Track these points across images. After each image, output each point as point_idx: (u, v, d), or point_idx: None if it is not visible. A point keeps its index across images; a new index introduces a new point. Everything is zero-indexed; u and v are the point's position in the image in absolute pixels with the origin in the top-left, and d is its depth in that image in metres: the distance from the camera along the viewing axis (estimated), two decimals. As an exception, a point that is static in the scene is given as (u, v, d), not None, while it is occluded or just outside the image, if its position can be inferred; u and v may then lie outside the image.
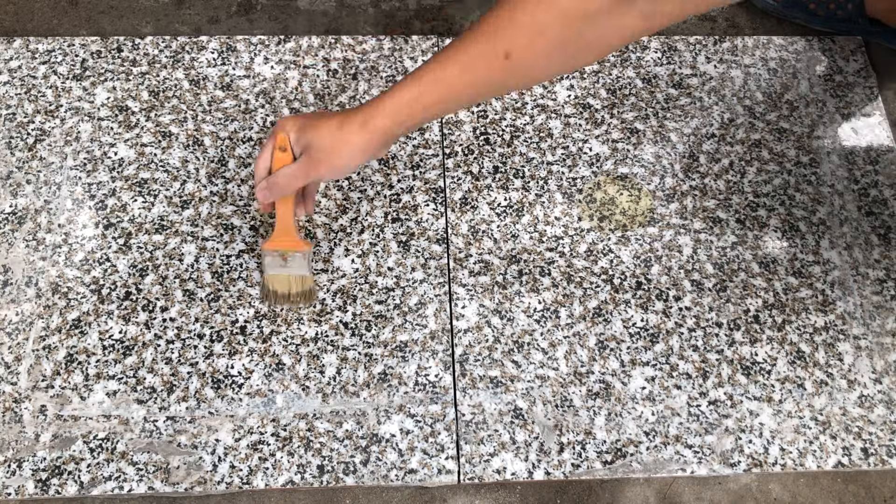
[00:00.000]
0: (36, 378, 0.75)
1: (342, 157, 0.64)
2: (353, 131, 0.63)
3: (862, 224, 0.86)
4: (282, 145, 0.66)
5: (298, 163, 0.66)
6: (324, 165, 0.65)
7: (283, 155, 0.66)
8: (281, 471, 0.71)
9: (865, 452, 0.74)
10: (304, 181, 0.66)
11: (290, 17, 1.01)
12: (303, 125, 0.65)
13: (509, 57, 0.57)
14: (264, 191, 0.68)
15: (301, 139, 0.65)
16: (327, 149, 0.64)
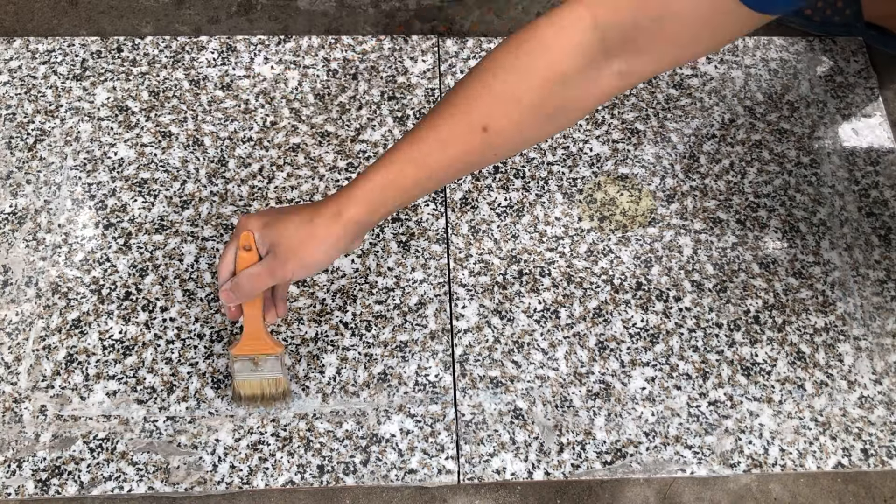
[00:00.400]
0: (36, 378, 0.75)
1: (312, 255, 0.59)
2: (323, 224, 0.58)
3: (862, 225, 0.86)
4: (245, 244, 0.60)
5: (264, 262, 0.60)
6: (292, 264, 0.59)
7: (247, 255, 0.61)
8: (281, 471, 0.71)
9: (865, 453, 0.74)
10: (270, 282, 0.61)
11: (290, 17, 1.01)
12: (268, 222, 0.60)
13: (487, 130, 0.55)
14: (228, 293, 0.62)
15: (266, 236, 0.60)
16: (295, 246, 0.59)
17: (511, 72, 0.54)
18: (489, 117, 0.55)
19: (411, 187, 0.58)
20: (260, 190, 0.85)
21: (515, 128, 0.56)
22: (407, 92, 0.92)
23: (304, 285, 0.80)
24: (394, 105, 0.91)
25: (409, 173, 0.57)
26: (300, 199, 0.85)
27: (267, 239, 0.60)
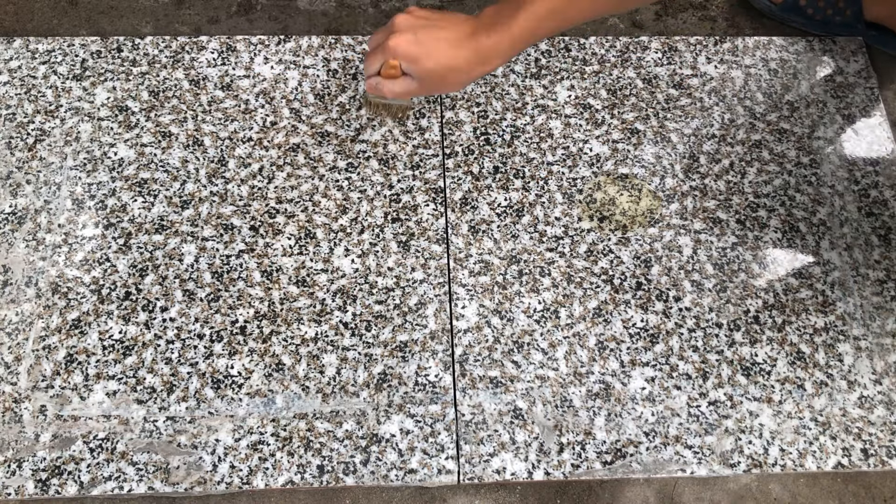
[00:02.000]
0: (36, 378, 0.75)
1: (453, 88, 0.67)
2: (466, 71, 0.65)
3: (862, 225, 0.86)
4: (393, 64, 0.68)
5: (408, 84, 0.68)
6: (433, 92, 0.69)
7: (392, 70, 0.69)
8: (281, 471, 0.71)
9: (865, 453, 0.74)
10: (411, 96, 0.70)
11: (290, 17, 1.01)
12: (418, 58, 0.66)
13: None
14: (373, 87, 0.71)
15: (413, 70, 0.67)
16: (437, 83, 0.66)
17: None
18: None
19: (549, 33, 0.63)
20: (260, 190, 0.85)
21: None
22: (407, 92, 0.92)
23: (304, 285, 0.80)
24: (394, 105, 0.91)
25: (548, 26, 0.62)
26: (300, 199, 0.85)
27: (412, 71, 0.67)
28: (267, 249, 0.82)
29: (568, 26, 0.64)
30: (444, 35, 0.65)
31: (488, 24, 0.64)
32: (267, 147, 0.88)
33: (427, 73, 0.66)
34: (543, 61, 0.96)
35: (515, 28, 0.62)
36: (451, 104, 0.92)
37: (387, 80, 0.70)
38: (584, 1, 0.62)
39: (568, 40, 0.97)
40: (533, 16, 0.62)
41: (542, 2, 0.62)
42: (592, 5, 0.62)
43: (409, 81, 0.69)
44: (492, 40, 0.63)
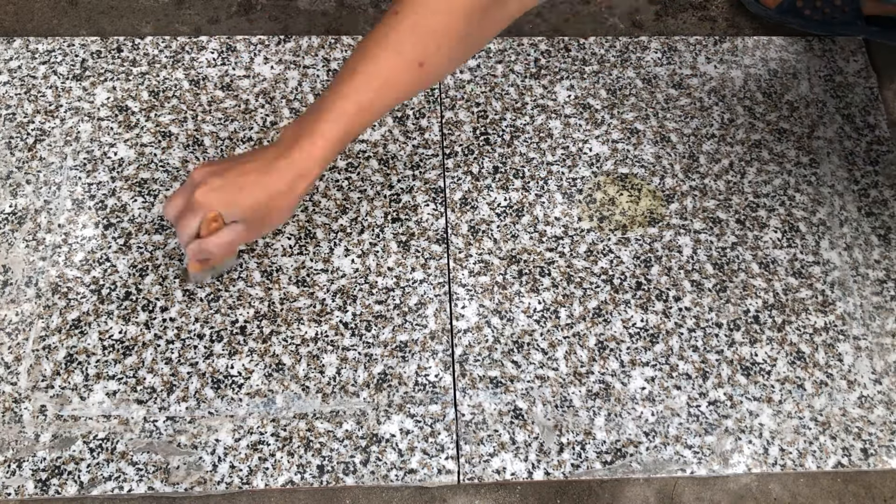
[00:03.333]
0: (36, 378, 0.75)
1: (281, 218, 0.63)
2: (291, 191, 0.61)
3: (862, 225, 0.86)
4: (214, 218, 0.62)
5: (234, 230, 0.63)
6: (262, 230, 0.65)
7: (214, 223, 0.63)
8: (281, 471, 0.71)
9: (865, 453, 0.74)
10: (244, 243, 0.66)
11: (290, 17, 1.01)
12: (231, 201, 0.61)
13: (423, 65, 0.59)
14: (197, 253, 0.65)
15: (233, 213, 0.62)
16: (265, 216, 0.62)
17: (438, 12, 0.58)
18: (424, 53, 0.59)
19: (358, 131, 0.61)
20: (260, 190, 0.85)
21: (446, 59, 0.61)
22: (407, 92, 0.92)
23: (304, 285, 0.80)
24: (394, 105, 0.91)
25: (357, 121, 0.60)
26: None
27: (234, 215, 0.62)
28: (267, 249, 0.82)
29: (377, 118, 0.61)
30: (249, 167, 0.61)
31: (292, 139, 0.60)
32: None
33: (250, 210, 0.61)
34: (543, 61, 0.96)
35: (327, 132, 0.59)
36: (450, 104, 0.92)
37: (209, 238, 0.63)
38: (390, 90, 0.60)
39: (567, 40, 0.98)
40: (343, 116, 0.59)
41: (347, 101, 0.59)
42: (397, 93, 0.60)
43: (233, 228, 0.63)
44: (304, 151, 0.60)
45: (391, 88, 0.60)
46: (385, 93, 0.60)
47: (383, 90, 0.60)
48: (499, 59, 0.95)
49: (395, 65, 0.59)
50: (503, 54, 0.96)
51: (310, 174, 0.61)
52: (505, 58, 0.96)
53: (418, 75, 0.59)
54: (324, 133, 0.59)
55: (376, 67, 0.59)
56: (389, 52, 0.59)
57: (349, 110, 0.59)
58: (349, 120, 0.60)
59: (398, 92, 0.60)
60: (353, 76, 0.59)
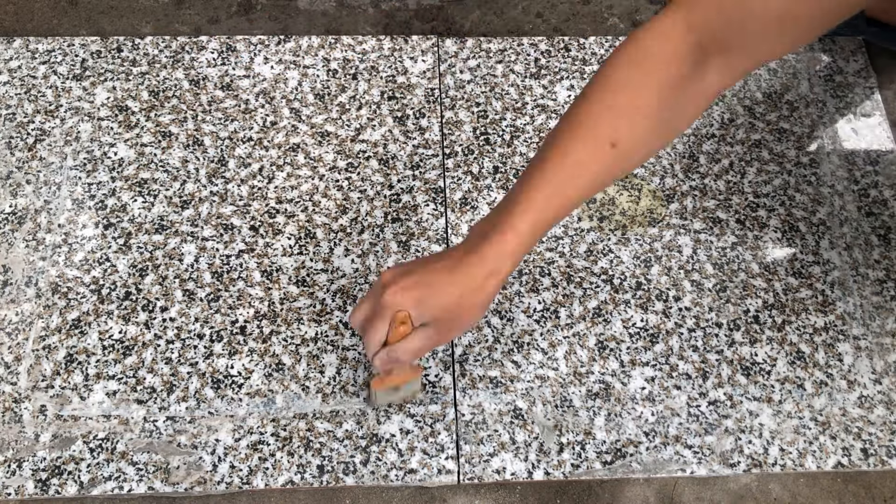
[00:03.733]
0: (36, 378, 0.75)
1: (473, 319, 0.59)
2: (483, 289, 0.57)
3: (862, 224, 0.86)
4: (402, 320, 0.58)
5: (423, 334, 0.59)
6: (454, 332, 0.59)
7: (403, 327, 0.59)
8: (281, 471, 0.71)
9: (865, 453, 0.74)
10: (436, 346, 0.61)
11: (290, 17, 1.01)
12: (420, 298, 0.57)
13: (616, 145, 0.55)
14: (386, 361, 0.61)
15: (423, 315, 0.58)
16: (456, 316, 0.58)
17: (626, 85, 0.55)
18: (616, 132, 0.55)
19: (552, 221, 0.57)
20: (260, 190, 0.85)
21: (641, 139, 0.56)
22: (407, 92, 0.92)
23: (304, 285, 0.80)
24: (394, 105, 0.91)
25: (551, 209, 0.56)
26: (300, 199, 0.85)
27: (424, 316, 0.58)
28: (267, 249, 0.82)
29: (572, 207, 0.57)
30: (439, 266, 0.58)
31: (481, 235, 0.57)
32: (267, 147, 0.88)
33: (441, 309, 0.57)
34: (543, 61, 0.96)
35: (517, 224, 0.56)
36: (451, 104, 0.92)
37: (398, 344, 0.60)
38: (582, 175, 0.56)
39: (568, 40, 0.98)
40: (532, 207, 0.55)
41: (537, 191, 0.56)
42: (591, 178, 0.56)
43: (422, 332, 0.59)
44: (493, 246, 0.56)
45: (583, 173, 0.56)
46: (577, 179, 0.56)
47: (575, 176, 0.56)
48: (499, 59, 0.95)
49: (586, 148, 0.55)
50: (503, 54, 0.96)
51: (501, 270, 0.56)
52: (505, 58, 0.96)
53: (612, 157, 0.55)
54: (514, 226, 0.56)
55: (565, 153, 0.56)
56: (578, 135, 0.55)
57: (539, 201, 0.56)
58: (540, 210, 0.56)
59: (592, 176, 0.56)
60: (542, 165, 0.56)
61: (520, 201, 0.56)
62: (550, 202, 0.56)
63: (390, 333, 0.59)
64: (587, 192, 0.57)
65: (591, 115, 0.56)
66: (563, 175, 0.56)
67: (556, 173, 0.56)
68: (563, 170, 0.56)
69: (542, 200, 0.56)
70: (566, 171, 0.56)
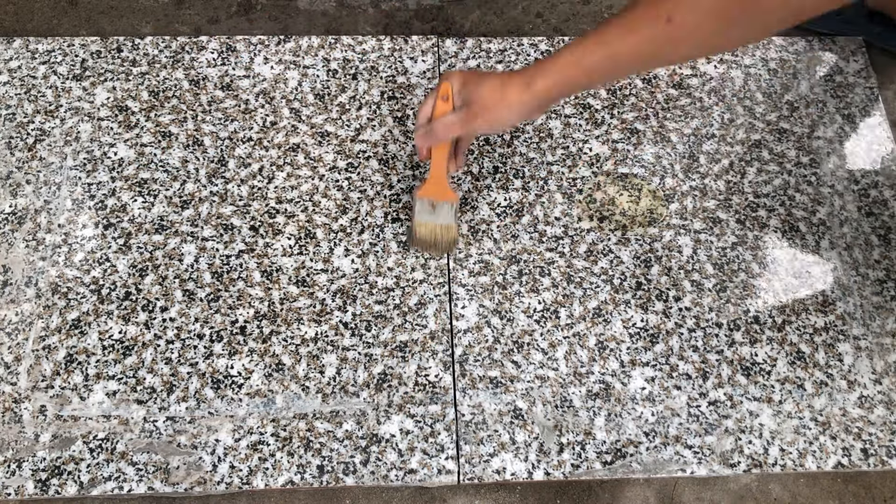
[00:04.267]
0: (36, 378, 0.75)
1: (500, 115, 0.66)
2: (514, 91, 0.64)
3: (862, 224, 0.86)
4: (444, 94, 0.69)
5: (459, 113, 0.68)
6: (481, 119, 0.67)
7: (444, 105, 0.69)
8: (281, 471, 0.71)
9: (865, 453, 0.74)
10: (460, 131, 0.68)
11: (290, 17, 1.01)
12: (466, 80, 0.68)
13: (671, 21, 0.57)
14: (423, 136, 0.71)
15: (463, 91, 0.68)
16: (487, 105, 0.66)
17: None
18: (674, 9, 0.57)
19: (595, 68, 0.61)
20: (260, 190, 0.85)
21: (698, 24, 0.57)
22: (407, 92, 0.92)
23: (304, 285, 0.80)
24: (394, 105, 0.91)
25: (594, 53, 0.60)
26: (300, 199, 0.85)
27: (463, 94, 0.68)
28: (267, 249, 0.82)
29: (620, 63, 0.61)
30: (490, 73, 0.68)
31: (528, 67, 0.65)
32: (267, 147, 0.88)
33: (479, 94, 0.66)
34: (543, 61, 0.96)
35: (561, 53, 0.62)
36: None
37: (437, 118, 0.69)
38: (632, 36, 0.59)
39: (567, 40, 0.97)
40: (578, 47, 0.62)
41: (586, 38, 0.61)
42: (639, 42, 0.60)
43: (459, 111, 0.68)
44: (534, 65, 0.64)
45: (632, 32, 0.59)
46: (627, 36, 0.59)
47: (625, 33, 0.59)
48: (499, 60, 0.95)
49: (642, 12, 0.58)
50: (503, 54, 0.96)
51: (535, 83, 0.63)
52: (505, 58, 0.96)
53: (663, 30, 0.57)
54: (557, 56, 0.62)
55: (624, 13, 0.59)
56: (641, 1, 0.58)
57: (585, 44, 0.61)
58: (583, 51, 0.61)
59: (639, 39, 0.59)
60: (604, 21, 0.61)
61: (571, 44, 0.62)
62: (595, 48, 0.60)
63: (434, 110, 0.70)
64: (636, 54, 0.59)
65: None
66: (616, 31, 0.59)
67: (610, 27, 0.60)
68: (616, 26, 0.59)
69: (588, 44, 0.61)
70: (619, 27, 0.59)
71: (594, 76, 0.62)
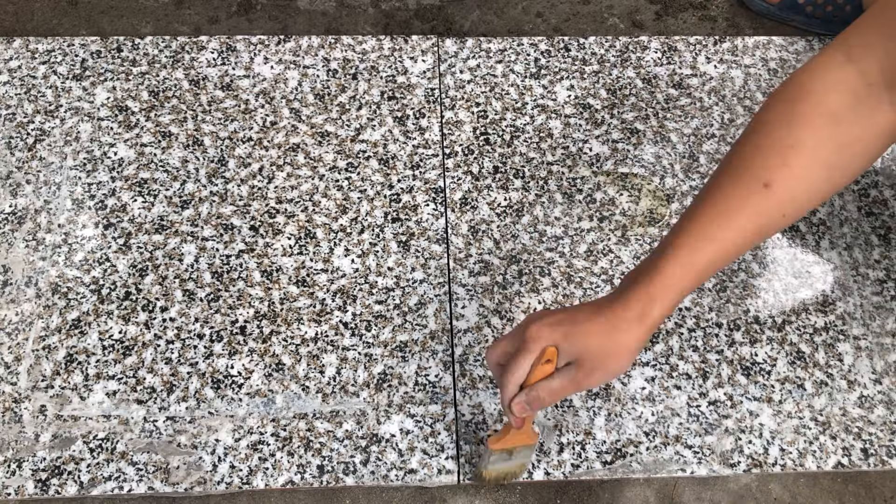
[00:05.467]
0: (36, 378, 0.75)
1: (619, 364, 0.55)
2: (628, 331, 0.54)
3: (862, 224, 0.86)
4: (549, 358, 0.56)
5: (569, 376, 0.56)
6: (598, 375, 0.56)
7: (547, 366, 0.57)
8: (281, 471, 0.71)
9: (865, 453, 0.74)
10: (573, 393, 0.58)
11: (290, 17, 1.01)
12: (567, 333, 0.55)
13: (769, 185, 0.52)
14: (527, 405, 0.58)
15: (569, 350, 0.56)
16: (602, 358, 0.55)
17: (778, 123, 0.53)
18: (767, 172, 0.52)
19: (706, 266, 0.54)
20: (260, 190, 0.85)
21: (796, 178, 0.53)
22: (407, 92, 0.92)
23: (304, 285, 0.80)
24: (394, 105, 0.91)
25: (702, 253, 0.53)
26: (300, 199, 0.85)
27: (570, 352, 0.56)
28: (267, 249, 0.82)
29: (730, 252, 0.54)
30: (584, 307, 0.56)
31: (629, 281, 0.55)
32: (267, 147, 0.88)
33: (588, 347, 0.55)
34: (543, 61, 0.96)
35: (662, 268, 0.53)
36: (451, 104, 0.92)
37: (542, 382, 0.57)
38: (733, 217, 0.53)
39: (567, 40, 0.98)
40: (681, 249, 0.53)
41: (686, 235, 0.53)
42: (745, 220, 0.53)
43: (568, 371, 0.56)
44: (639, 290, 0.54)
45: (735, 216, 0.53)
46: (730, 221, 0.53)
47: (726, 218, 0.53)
48: (499, 59, 0.95)
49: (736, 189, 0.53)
50: (503, 54, 0.96)
51: (648, 314, 0.54)
52: (505, 58, 0.96)
53: (766, 198, 0.52)
54: (661, 270, 0.53)
55: (715, 196, 0.54)
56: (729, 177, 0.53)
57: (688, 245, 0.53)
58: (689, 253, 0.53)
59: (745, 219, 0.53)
60: (692, 210, 0.54)
61: (669, 246, 0.54)
62: (701, 245, 0.53)
63: (531, 374, 0.57)
64: (743, 236, 0.53)
65: (741, 156, 0.54)
66: (714, 218, 0.53)
67: (706, 216, 0.53)
68: (713, 212, 0.53)
69: (692, 244, 0.53)
70: (717, 213, 0.53)
71: (704, 276, 0.54)
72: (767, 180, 0.52)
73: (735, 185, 0.53)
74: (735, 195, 0.53)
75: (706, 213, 0.54)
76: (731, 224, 0.53)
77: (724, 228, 0.53)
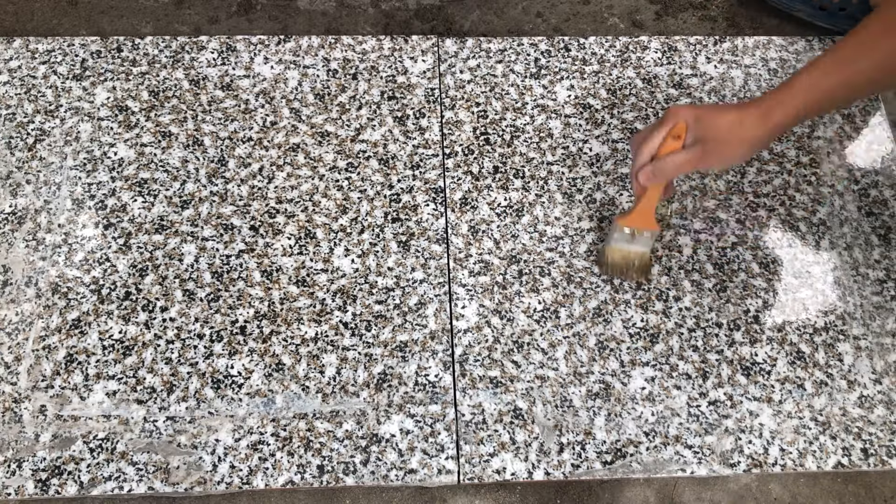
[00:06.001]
0: (36, 378, 0.75)
1: (735, 152, 0.64)
2: (751, 126, 0.62)
3: (862, 224, 0.86)
4: (678, 133, 0.66)
5: (691, 152, 0.65)
6: (715, 157, 0.65)
7: (674, 142, 0.66)
8: (281, 471, 0.71)
9: (865, 453, 0.74)
10: (692, 169, 0.67)
11: (290, 17, 1.01)
12: (699, 115, 0.65)
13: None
14: (652, 174, 0.68)
15: (696, 128, 0.65)
16: (723, 142, 0.64)
17: None
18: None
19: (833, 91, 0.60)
20: (260, 190, 0.85)
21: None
22: (407, 92, 0.92)
23: (304, 285, 0.80)
24: (394, 105, 0.91)
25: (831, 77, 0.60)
26: (300, 199, 0.85)
27: (698, 131, 0.65)
28: (267, 249, 0.82)
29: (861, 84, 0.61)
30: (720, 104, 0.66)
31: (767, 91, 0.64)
32: (267, 147, 0.88)
33: (715, 130, 0.64)
34: (543, 61, 0.96)
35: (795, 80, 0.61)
36: (451, 104, 0.92)
37: (668, 156, 0.66)
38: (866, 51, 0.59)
39: (568, 40, 0.98)
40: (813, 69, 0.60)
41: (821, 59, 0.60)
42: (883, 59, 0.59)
43: (692, 149, 0.65)
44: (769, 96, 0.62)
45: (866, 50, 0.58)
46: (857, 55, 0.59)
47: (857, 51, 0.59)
48: (499, 59, 0.95)
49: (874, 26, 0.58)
50: (503, 54, 0.96)
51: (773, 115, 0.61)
52: (505, 58, 0.96)
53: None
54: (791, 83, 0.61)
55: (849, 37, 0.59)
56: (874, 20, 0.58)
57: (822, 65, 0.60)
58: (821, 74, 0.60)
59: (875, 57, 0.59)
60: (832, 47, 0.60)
61: (806, 66, 0.61)
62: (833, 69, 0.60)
63: (661, 147, 0.66)
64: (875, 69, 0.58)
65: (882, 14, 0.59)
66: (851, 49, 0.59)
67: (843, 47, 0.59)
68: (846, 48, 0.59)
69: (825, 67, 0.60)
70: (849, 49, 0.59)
71: (832, 100, 0.61)
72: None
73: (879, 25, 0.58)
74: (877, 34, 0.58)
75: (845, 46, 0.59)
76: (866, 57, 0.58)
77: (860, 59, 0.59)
